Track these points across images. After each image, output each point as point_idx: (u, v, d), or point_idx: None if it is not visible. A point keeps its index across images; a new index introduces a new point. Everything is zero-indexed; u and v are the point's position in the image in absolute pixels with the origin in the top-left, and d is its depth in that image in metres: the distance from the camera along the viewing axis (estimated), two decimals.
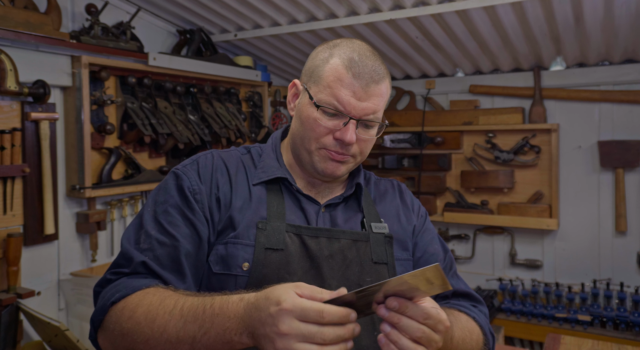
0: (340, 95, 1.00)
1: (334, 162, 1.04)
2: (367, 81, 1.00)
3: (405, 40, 2.68)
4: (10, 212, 2.04)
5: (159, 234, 0.99)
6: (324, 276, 1.00)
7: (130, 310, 0.89)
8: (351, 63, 1.01)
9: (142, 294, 0.91)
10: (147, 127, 2.41)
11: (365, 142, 1.05)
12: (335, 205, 1.11)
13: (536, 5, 2.18)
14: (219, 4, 2.55)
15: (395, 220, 1.14)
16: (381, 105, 1.04)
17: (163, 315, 0.85)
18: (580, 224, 2.83)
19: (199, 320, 0.82)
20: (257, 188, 1.07)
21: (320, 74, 1.03)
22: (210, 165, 1.07)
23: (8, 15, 1.95)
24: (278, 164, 1.11)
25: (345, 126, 1.01)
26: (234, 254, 0.99)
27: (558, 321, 2.67)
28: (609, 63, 2.73)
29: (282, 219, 1.03)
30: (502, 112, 2.95)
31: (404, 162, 3.20)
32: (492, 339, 1.10)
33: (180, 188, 1.03)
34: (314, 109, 1.02)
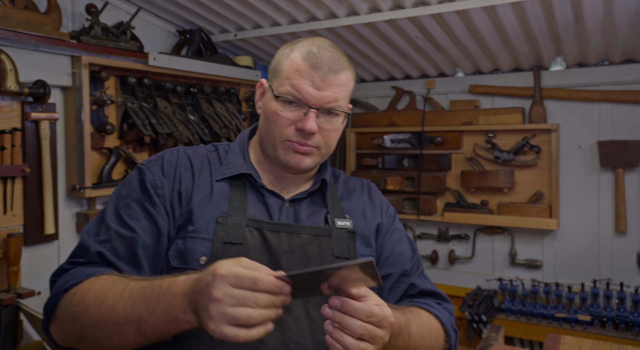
0: (299, 85, 1.02)
1: (297, 154, 1.05)
2: (325, 71, 1.02)
3: (405, 40, 2.68)
4: (11, 212, 2.04)
5: (119, 227, 1.00)
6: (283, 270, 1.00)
7: (81, 294, 0.90)
8: (309, 55, 1.03)
9: (94, 280, 0.92)
10: (147, 127, 2.41)
11: (328, 133, 1.06)
12: (300, 201, 1.12)
13: (536, 5, 2.18)
14: (219, 4, 2.55)
15: (360, 217, 1.15)
16: (342, 95, 1.06)
17: (112, 296, 0.86)
18: (580, 224, 2.83)
19: (147, 299, 0.83)
20: (221, 184, 1.08)
21: (280, 68, 1.06)
22: (175, 160, 1.09)
23: (8, 15, 1.95)
24: (244, 160, 1.12)
25: (305, 116, 1.02)
26: (191, 248, 1.00)
27: (558, 321, 2.67)
28: (609, 63, 2.73)
29: (243, 213, 1.04)
30: (502, 112, 2.95)
31: (404, 162, 3.20)
32: (454, 335, 1.11)
33: (142, 182, 1.04)
34: (275, 102, 1.04)
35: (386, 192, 3.21)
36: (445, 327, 1.09)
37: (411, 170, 3.20)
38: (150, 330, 0.83)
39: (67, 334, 0.93)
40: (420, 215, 3.12)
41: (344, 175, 1.26)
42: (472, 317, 2.83)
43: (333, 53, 1.05)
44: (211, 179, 1.09)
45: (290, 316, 0.99)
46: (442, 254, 3.22)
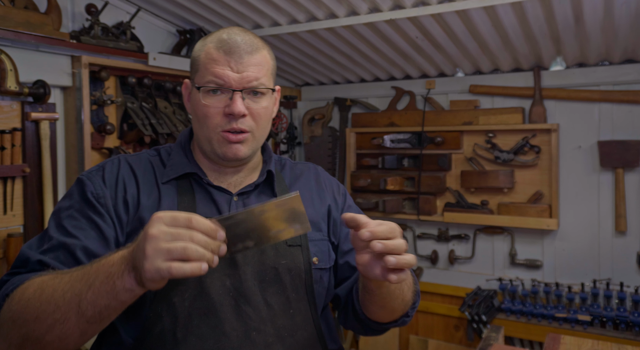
0: (217, 72, 1.04)
1: (232, 144, 1.07)
2: (239, 54, 1.04)
3: (405, 40, 2.68)
4: (11, 212, 2.04)
5: (62, 237, 0.99)
6: (238, 263, 1.04)
7: (21, 292, 0.89)
8: (221, 43, 1.06)
9: (35, 278, 0.91)
10: (147, 127, 2.41)
11: (258, 114, 1.08)
12: (249, 194, 1.14)
13: (536, 5, 2.18)
14: (219, 4, 2.55)
15: (309, 203, 1.18)
16: (262, 73, 1.07)
17: (53, 284, 0.86)
18: (580, 224, 2.83)
19: (86, 276, 0.83)
20: (167, 186, 1.09)
21: (197, 62, 1.09)
22: (116, 170, 1.10)
23: (8, 15, 1.95)
24: (187, 160, 1.13)
25: (231, 100, 1.04)
26: None
27: (558, 321, 2.67)
28: (609, 63, 2.73)
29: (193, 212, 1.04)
30: (502, 112, 2.95)
31: (404, 162, 3.20)
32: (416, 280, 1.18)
33: (83, 193, 1.05)
34: (200, 95, 1.06)
35: (386, 192, 3.21)
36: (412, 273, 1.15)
37: (411, 170, 3.20)
38: (90, 308, 0.82)
39: (10, 341, 0.89)
40: (420, 215, 3.12)
41: (290, 162, 1.28)
42: (472, 317, 2.83)
43: (244, 36, 1.07)
44: (157, 183, 1.10)
45: (250, 306, 1.03)
46: (442, 254, 3.22)
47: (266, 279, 1.05)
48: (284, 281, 1.07)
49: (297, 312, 1.08)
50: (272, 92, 1.11)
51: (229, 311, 1.01)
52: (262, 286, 1.05)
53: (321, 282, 1.13)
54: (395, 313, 1.11)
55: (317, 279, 1.12)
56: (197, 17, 2.74)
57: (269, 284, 1.05)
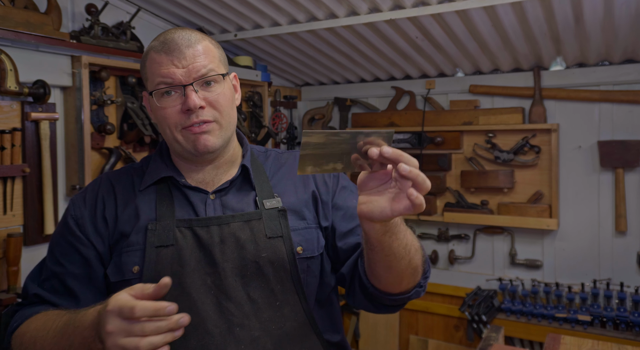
0: (162, 72, 1.04)
1: (198, 135, 1.05)
2: (179, 49, 1.04)
3: (405, 40, 2.68)
4: (10, 212, 2.04)
5: (53, 265, 1.11)
6: (217, 261, 1.04)
7: (20, 337, 1.03)
8: (160, 45, 1.06)
9: (30, 321, 1.04)
10: (147, 127, 2.41)
11: (216, 101, 1.06)
12: (226, 190, 1.13)
13: (536, 5, 2.18)
14: (219, 4, 2.55)
15: (291, 192, 1.16)
16: (208, 61, 1.06)
17: (42, 337, 0.97)
18: (580, 224, 2.82)
19: (67, 334, 0.92)
20: (146, 193, 1.12)
21: (145, 72, 1.10)
22: (96, 188, 1.16)
23: (8, 15, 1.95)
24: (165, 165, 1.15)
25: (185, 96, 1.03)
26: (125, 261, 1.05)
27: (558, 321, 2.67)
28: (609, 63, 2.73)
29: (171, 216, 1.07)
30: (502, 112, 2.95)
31: None
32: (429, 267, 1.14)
33: (65, 218, 1.13)
34: (155, 99, 1.06)
35: None
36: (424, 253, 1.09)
37: None
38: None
39: None
40: (420, 215, 3.12)
41: (275, 152, 1.26)
42: (472, 317, 2.83)
43: (180, 33, 1.07)
44: (135, 192, 1.12)
45: (232, 302, 1.03)
46: (442, 254, 3.22)
47: (247, 274, 1.05)
48: (267, 274, 1.06)
49: (284, 304, 1.07)
50: (223, 77, 1.09)
51: (210, 309, 1.02)
52: (243, 281, 1.05)
53: (309, 271, 1.11)
54: (404, 279, 1.03)
55: (303, 268, 1.10)
56: (197, 17, 2.74)
57: (251, 279, 1.05)
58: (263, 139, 3.09)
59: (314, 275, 1.12)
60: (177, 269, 1.04)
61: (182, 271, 1.03)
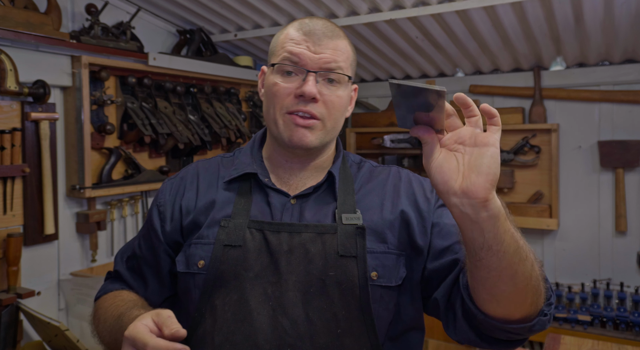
0: (294, 50, 1.01)
1: (299, 128, 1.00)
2: (319, 36, 1.01)
3: (405, 40, 2.68)
4: (10, 212, 2.04)
5: (136, 246, 1.17)
6: (281, 271, 0.97)
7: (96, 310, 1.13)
8: (302, 25, 1.04)
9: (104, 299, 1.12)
10: (147, 127, 2.41)
11: (331, 102, 1.01)
12: (307, 197, 1.06)
13: (536, 5, 2.18)
14: (219, 4, 2.55)
15: (376, 211, 1.05)
16: (341, 59, 1.03)
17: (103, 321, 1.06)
18: (580, 224, 2.82)
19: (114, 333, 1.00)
20: (228, 187, 1.09)
21: (275, 45, 1.07)
22: (185, 175, 1.16)
23: (8, 15, 1.95)
24: (251, 159, 1.11)
25: (304, 81, 0.99)
26: (193, 253, 1.03)
27: (558, 321, 2.67)
28: (609, 63, 2.73)
29: (246, 215, 1.03)
30: (502, 112, 2.95)
31: (404, 162, 3.20)
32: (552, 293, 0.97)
33: (153, 202, 1.16)
34: (274, 74, 1.04)
35: None
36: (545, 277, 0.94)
37: (411, 170, 3.20)
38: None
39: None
40: None
41: (370, 165, 1.16)
42: None
43: (326, 22, 1.05)
44: (217, 184, 1.10)
45: (288, 318, 0.95)
46: None
47: (310, 291, 0.96)
48: (332, 295, 0.95)
49: (347, 333, 0.95)
50: (348, 80, 1.05)
51: (265, 321, 0.94)
52: (305, 298, 0.95)
53: (382, 302, 0.98)
54: (528, 294, 0.86)
55: (376, 297, 0.97)
56: (197, 17, 2.74)
57: (313, 297, 0.95)
58: None
59: (386, 309, 0.99)
60: (240, 272, 0.98)
61: (244, 275, 0.98)
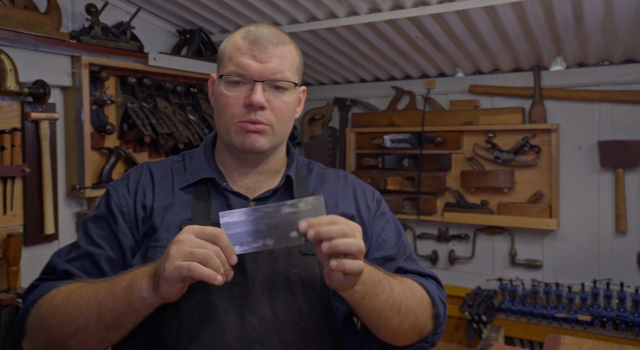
0: (240, 61, 1.03)
1: (250, 133, 1.04)
2: (264, 44, 1.04)
3: (405, 40, 2.68)
4: (10, 212, 2.04)
5: (88, 245, 1.06)
6: (247, 271, 1.01)
7: (49, 299, 0.96)
8: (247, 33, 1.06)
9: (62, 286, 0.98)
10: (147, 127, 2.41)
11: (279, 109, 1.05)
12: (267, 199, 1.10)
13: (536, 5, 2.18)
14: (219, 4, 2.55)
15: (331, 211, 1.12)
16: (286, 67, 1.05)
17: (80, 293, 0.93)
18: (580, 224, 2.82)
19: (111, 284, 0.91)
20: (185, 192, 1.10)
21: (223, 54, 1.08)
22: (138, 177, 1.13)
23: (8, 15, 1.95)
24: (207, 164, 1.13)
25: (252, 91, 1.03)
26: (152, 257, 1.02)
27: (558, 321, 2.67)
28: (609, 63, 2.73)
29: (207, 218, 1.05)
30: (502, 112, 2.95)
31: (404, 162, 3.20)
32: (442, 306, 1.12)
33: (108, 204, 1.09)
34: (222, 84, 1.06)
35: (386, 192, 3.21)
36: (431, 294, 1.09)
37: (411, 170, 3.20)
38: (109, 315, 0.88)
39: (37, 344, 0.97)
40: (420, 215, 3.12)
41: (319, 167, 1.24)
42: (472, 317, 2.83)
43: (271, 29, 1.07)
44: (173, 188, 1.10)
45: (255, 316, 0.99)
46: (442, 254, 3.22)
47: (276, 289, 1.01)
48: (296, 292, 1.02)
49: (310, 327, 1.02)
50: (295, 86, 1.08)
51: (232, 320, 0.98)
52: (271, 296, 1.00)
53: (339, 297, 1.03)
54: (401, 336, 1.03)
55: (335, 292, 1.03)
56: (197, 17, 2.74)
57: (279, 294, 1.01)
58: None
59: (343, 303, 1.05)
60: None
61: None
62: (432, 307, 1.08)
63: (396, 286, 1.00)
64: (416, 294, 1.05)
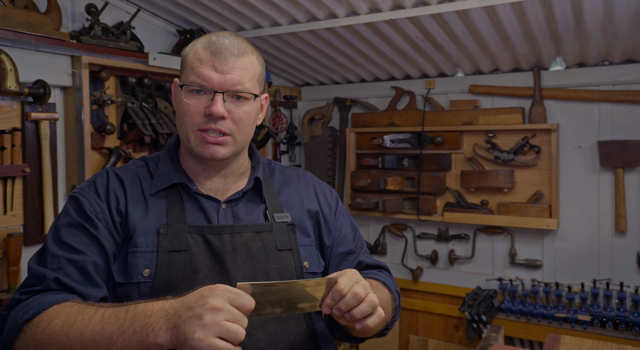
0: (201, 71, 1.04)
1: (210, 145, 1.06)
2: (225, 55, 1.04)
3: (405, 40, 2.68)
4: (11, 212, 2.04)
5: (67, 253, 1.00)
6: (228, 269, 1.05)
7: (46, 322, 0.89)
8: (209, 43, 1.06)
9: (59, 307, 0.91)
10: (147, 127, 2.41)
11: (239, 118, 1.07)
12: (237, 201, 1.14)
13: (536, 5, 2.18)
14: (219, 4, 2.55)
15: (298, 208, 1.20)
16: (246, 78, 1.06)
17: (82, 321, 0.87)
18: (580, 224, 2.83)
19: (120, 320, 0.84)
20: (156, 197, 1.10)
21: (185, 61, 1.10)
22: (106, 182, 1.12)
23: (8, 15, 1.95)
24: (174, 169, 1.14)
25: (212, 101, 1.04)
26: (133, 263, 1.02)
27: (558, 321, 2.67)
28: (609, 63, 2.73)
29: (183, 222, 1.07)
30: (502, 112, 2.95)
31: (404, 162, 3.20)
32: (397, 296, 1.22)
33: (81, 210, 1.05)
34: (183, 93, 1.06)
35: (386, 192, 3.21)
36: (391, 290, 1.19)
37: (411, 170, 3.20)
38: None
39: None
40: (420, 215, 3.12)
41: (279, 167, 1.29)
42: (472, 317, 2.83)
43: (233, 39, 1.07)
44: (143, 194, 1.10)
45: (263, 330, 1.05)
46: (442, 254, 3.23)
47: None
48: None
49: (290, 317, 1.08)
50: (255, 97, 1.09)
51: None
52: None
53: None
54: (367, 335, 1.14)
55: None
56: (197, 17, 2.74)
57: None
58: (263, 139, 3.09)
59: None
60: (189, 275, 1.03)
61: (194, 277, 1.03)
62: (393, 301, 1.18)
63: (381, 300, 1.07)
64: (385, 295, 1.14)
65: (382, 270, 1.29)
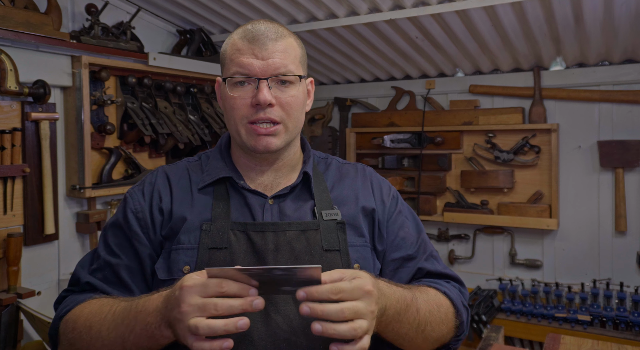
0: (241, 61, 1.02)
1: (262, 136, 1.03)
2: (263, 41, 1.02)
3: (405, 40, 2.68)
4: (11, 212, 2.04)
5: (107, 255, 1.07)
6: None
7: (73, 321, 0.98)
8: (245, 32, 1.04)
9: (83, 306, 0.99)
10: (147, 127, 2.41)
11: (287, 103, 1.03)
12: (285, 196, 1.09)
13: (536, 5, 2.18)
14: (219, 4, 2.55)
15: (352, 205, 1.11)
16: (289, 60, 1.03)
17: (98, 321, 0.94)
18: (580, 224, 2.83)
19: (127, 319, 0.89)
20: (203, 192, 1.09)
21: (224, 56, 1.07)
22: (153, 181, 1.12)
23: (8, 15, 1.95)
24: (224, 164, 1.12)
25: (258, 89, 1.01)
26: (175, 259, 1.02)
27: (558, 321, 2.67)
28: (608, 63, 2.73)
29: (227, 218, 1.04)
30: (502, 112, 2.95)
31: (404, 162, 3.20)
32: (465, 312, 1.09)
33: (125, 211, 1.09)
34: (227, 87, 1.04)
35: None
36: (455, 303, 1.06)
37: (411, 170, 3.20)
38: (134, 348, 0.88)
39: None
40: (420, 215, 3.12)
41: (336, 162, 1.22)
42: (472, 317, 2.83)
43: (268, 25, 1.05)
44: (191, 189, 1.10)
45: (280, 315, 0.97)
46: (442, 253, 3.22)
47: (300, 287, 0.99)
48: None
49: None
50: (300, 79, 1.06)
51: (257, 319, 0.96)
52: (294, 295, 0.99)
53: None
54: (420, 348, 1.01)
55: None
56: (197, 17, 2.74)
57: None
58: None
59: None
60: None
61: None
62: (456, 317, 1.05)
63: (422, 306, 0.97)
64: (441, 307, 1.02)
65: (449, 280, 1.14)
